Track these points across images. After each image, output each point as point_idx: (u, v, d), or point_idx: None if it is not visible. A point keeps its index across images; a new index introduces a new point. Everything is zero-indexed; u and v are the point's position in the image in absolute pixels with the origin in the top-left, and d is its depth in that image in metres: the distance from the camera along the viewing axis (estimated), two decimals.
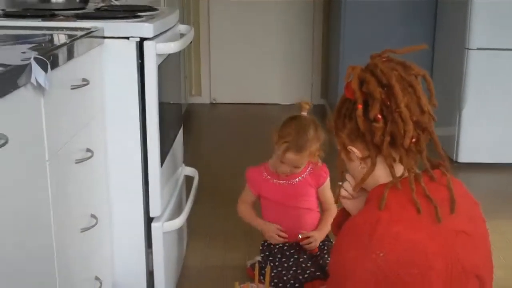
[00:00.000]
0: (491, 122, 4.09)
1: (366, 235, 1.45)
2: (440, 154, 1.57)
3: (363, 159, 1.56)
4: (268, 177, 2.45)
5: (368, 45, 4.69)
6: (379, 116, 1.47)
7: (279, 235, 2.42)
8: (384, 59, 1.54)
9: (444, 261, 1.44)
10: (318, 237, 2.41)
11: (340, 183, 1.67)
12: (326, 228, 2.42)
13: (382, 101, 1.46)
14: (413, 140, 1.49)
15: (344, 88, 1.55)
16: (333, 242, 2.15)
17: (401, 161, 1.51)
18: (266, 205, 2.48)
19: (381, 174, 1.55)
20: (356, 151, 1.55)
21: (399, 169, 1.53)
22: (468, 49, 3.99)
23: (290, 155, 2.32)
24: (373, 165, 1.54)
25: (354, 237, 1.50)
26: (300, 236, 2.41)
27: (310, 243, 2.40)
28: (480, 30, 3.96)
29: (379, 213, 1.47)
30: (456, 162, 4.00)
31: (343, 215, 1.79)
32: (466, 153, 4.06)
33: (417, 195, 1.47)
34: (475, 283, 1.50)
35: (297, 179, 2.44)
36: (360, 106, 1.49)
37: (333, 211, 2.43)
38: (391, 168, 1.51)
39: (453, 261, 1.45)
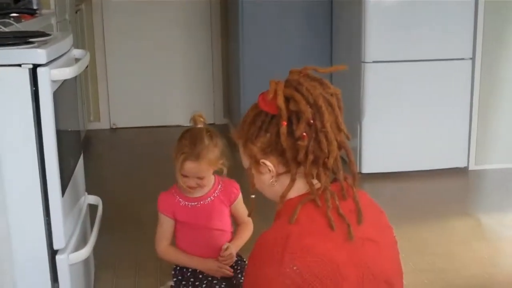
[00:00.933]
0: (390, 132, 4.23)
1: (278, 250, 1.44)
2: (352, 171, 1.58)
3: (279, 174, 1.55)
4: (180, 199, 2.41)
5: (267, 61, 4.78)
6: (305, 134, 1.47)
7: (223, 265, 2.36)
8: (303, 76, 1.54)
9: (355, 270, 1.45)
10: (233, 248, 2.38)
11: (253, 196, 1.66)
12: (241, 240, 2.40)
13: (308, 120, 1.46)
14: (333, 159, 1.50)
15: (261, 100, 1.53)
16: (246, 262, 2.14)
17: (318, 178, 1.51)
18: (179, 230, 2.43)
19: (291, 190, 1.55)
20: (269, 164, 1.54)
21: (306, 185, 1.53)
22: (364, 62, 4.11)
23: (189, 164, 2.28)
24: (293, 181, 1.53)
25: (266, 253, 1.48)
26: (223, 248, 2.37)
27: (229, 254, 2.36)
28: (374, 43, 4.10)
29: (289, 227, 1.47)
30: (360, 172, 4.09)
31: None
32: (369, 164, 4.17)
33: (332, 213, 1.48)
34: None
35: (209, 199, 2.41)
36: (285, 124, 1.48)
37: (247, 224, 2.42)
38: (311, 185, 1.51)
39: (364, 269, 1.47)
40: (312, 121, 1.47)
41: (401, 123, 4.21)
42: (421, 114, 4.25)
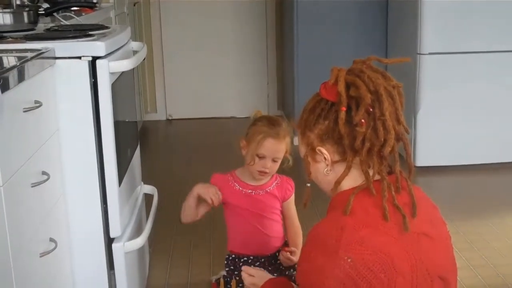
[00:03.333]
0: (445, 124, 4.16)
1: (333, 242, 1.44)
2: (409, 164, 1.58)
3: (334, 162, 1.56)
4: (235, 184, 2.43)
5: (322, 53, 4.77)
6: (363, 121, 1.47)
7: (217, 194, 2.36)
8: (366, 66, 1.54)
9: (409, 264, 1.45)
10: (297, 254, 2.38)
11: (309, 185, 1.66)
12: (299, 248, 2.40)
13: (366, 107, 1.47)
14: (390, 149, 1.50)
15: (322, 88, 1.54)
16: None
17: (373, 168, 1.51)
18: (232, 213, 2.43)
19: (346, 179, 1.55)
20: (325, 152, 1.55)
21: (361, 175, 1.54)
22: (420, 54, 4.06)
23: (270, 141, 2.28)
24: (349, 168, 1.54)
25: (321, 245, 1.49)
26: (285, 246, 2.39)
27: (291, 253, 2.37)
28: (431, 35, 4.04)
29: (344, 218, 1.47)
30: (414, 166, 4.03)
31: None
32: (423, 157, 4.12)
33: (386, 202, 1.48)
34: (439, 284, 1.52)
35: (264, 190, 2.43)
36: (344, 109, 1.48)
37: (296, 228, 2.43)
38: (366, 174, 1.51)
39: (418, 264, 1.46)
40: (371, 109, 1.47)
41: (457, 115, 4.14)
42: (479, 107, 4.17)
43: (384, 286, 1.41)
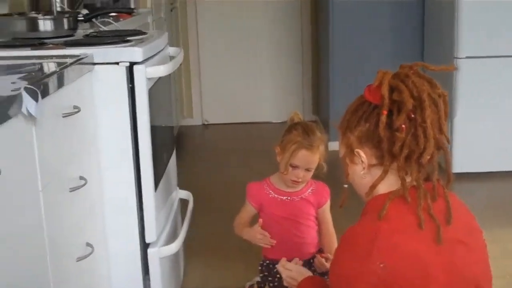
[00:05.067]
0: (482, 130, 4.10)
1: (366, 246, 1.44)
2: (448, 174, 1.56)
3: (371, 166, 1.55)
4: (270, 191, 2.43)
5: (357, 58, 4.75)
6: (403, 126, 1.46)
7: (264, 236, 2.36)
8: (413, 72, 1.53)
9: (444, 272, 1.43)
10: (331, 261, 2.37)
11: (346, 186, 1.66)
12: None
13: (408, 113, 1.46)
14: (429, 157, 1.48)
15: (366, 90, 1.54)
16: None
17: (411, 175, 1.50)
18: (267, 220, 2.45)
19: (382, 184, 1.54)
20: (363, 155, 1.54)
21: (397, 181, 1.52)
22: (457, 58, 4.01)
23: (303, 153, 2.28)
24: (385, 173, 1.53)
25: (354, 248, 1.48)
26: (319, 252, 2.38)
27: (326, 259, 2.36)
28: (468, 39, 3.99)
29: (378, 223, 1.46)
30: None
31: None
32: (459, 163, 4.06)
33: (421, 211, 1.46)
34: None
35: (300, 197, 2.42)
36: (385, 112, 1.48)
37: (331, 235, 2.42)
38: (403, 180, 1.50)
39: (453, 272, 1.44)
40: (413, 115, 1.46)
41: (494, 121, 4.07)
42: None
43: None
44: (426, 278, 1.41)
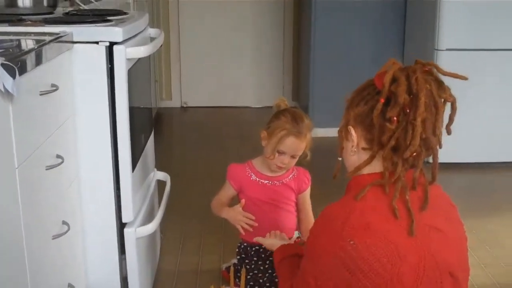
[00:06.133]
0: (463, 121, 4.11)
1: (339, 223, 1.48)
2: (433, 174, 1.59)
3: (359, 147, 1.58)
4: (252, 174, 2.44)
5: (338, 45, 4.76)
6: (395, 118, 1.48)
7: (246, 218, 2.38)
8: (426, 69, 1.54)
9: (416, 254, 1.46)
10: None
11: (340, 159, 1.69)
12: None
13: (402, 106, 1.47)
14: (414, 154, 1.50)
15: (376, 75, 1.56)
16: None
17: (394, 167, 1.52)
18: (247, 202, 2.45)
19: (367, 167, 1.57)
20: (353, 134, 1.57)
21: (382, 166, 1.55)
22: (437, 50, 4.03)
23: (291, 140, 2.30)
24: (371, 158, 1.56)
25: (328, 224, 1.53)
26: (296, 235, 2.40)
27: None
28: (449, 31, 4.01)
29: (354, 203, 1.50)
30: (427, 162, 4.02)
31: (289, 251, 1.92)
32: (441, 154, 4.08)
33: (398, 204, 1.49)
34: (449, 281, 1.52)
35: (281, 181, 2.44)
36: (382, 101, 1.50)
37: (310, 221, 2.43)
38: (385, 170, 1.53)
39: (426, 255, 1.47)
40: (408, 110, 1.47)
41: (473, 113, 4.11)
42: (495, 104, 4.14)
43: (386, 271, 1.43)
44: (396, 258, 1.43)
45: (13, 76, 1.42)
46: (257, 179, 2.43)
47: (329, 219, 1.54)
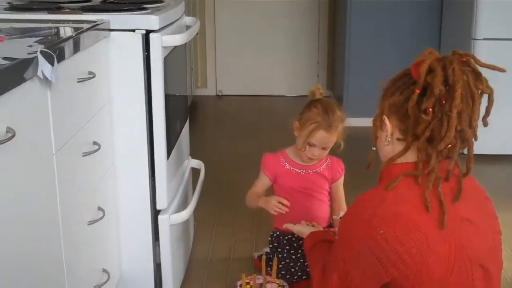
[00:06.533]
0: (500, 113, 4.06)
1: (370, 212, 1.48)
2: (468, 167, 1.57)
3: (393, 137, 1.57)
4: (286, 163, 2.44)
5: (373, 35, 4.72)
6: (430, 109, 1.47)
7: (281, 204, 2.37)
8: (464, 60, 1.52)
9: (447, 245, 1.45)
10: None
11: (374, 148, 1.68)
12: None
13: (438, 98, 1.46)
14: (449, 145, 1.49)
15: (413, 64, 1.54)
16: None
17: (429, 158, 1.51)
18: (280, 192, 2.46)
19: (401, 157, 1.56)
20: (387, 124, 1.56)
21: (415, 157, 1.54)
22: (474, 39, 3.98)
23: (321, 134, 2.30)
24: (406, 149, 1.55)
25: (359, 212, 1.54)
26: (339, 217, 2.39)
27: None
28: (486, 20, 3.94)
29: (385, 192, 1.50)
30: (462, 153, 3.96)
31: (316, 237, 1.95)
32: (477, 144, 4.03)
33: (430, 196, 1.48)
34: (479, 272, 1.50)
35: (314, 170, 2.44)
36: (418, 91, 1.49)
37: (343, 209, 2.43)
38: (419, 161, 1.51)
39: (458, 247, 1.46)
40: (444, 101, 1.46)
41: (509, 105, 4.04)
42: None
43: (415, 262, 1.43)
44: (426, 248, 1.43)
45: (52, 64, 1.44)
46: (291, 167, 2.43)
47: (360, 207, 1.55)
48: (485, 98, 1.54)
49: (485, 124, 1.58)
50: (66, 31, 1.82)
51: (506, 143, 4.14)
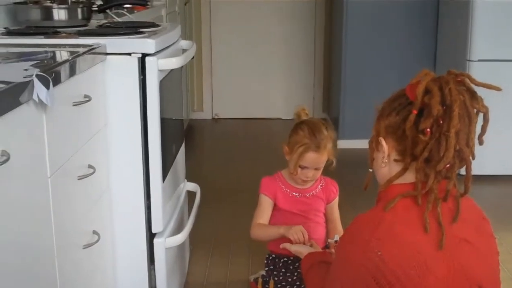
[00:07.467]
0: (495, 134, 4.07)
1: (367, 233, 1.47)
2: (466, 187, 1.57)
3: (392, 159, 1.57)
4: (283, 186, 2.44)
5: (370, 57, 4.75)
6: (428, 130, 1.47)
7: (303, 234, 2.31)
8: (459, 80, 1.53)
9: (445, 266, 1.44)
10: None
11: (370, 170, 1.68)
12: None
13: (436, 118, 1.47)
14: (448, 165, 1.49)
15: (408, 85, 1.55)
16: None
17: (426, 178, 1.51)
18: (277, 216, 2.45)
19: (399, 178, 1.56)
20: (384, 144, 1.56)
21: (413, 178, 1.54)
22: (469, 60, 4.00)
23: (311, 155, 2.29)
24: (404, 170, 1.55)
25: (356, 234, 1.53)
26: (334, 240, 2.37)
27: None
28: (481, 42, 3.98)
29: (383, 214, 1.49)
30: (459, 174, 3.97)
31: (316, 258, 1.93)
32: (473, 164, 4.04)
33: (429, 216, 1.48)
34: None
35: (310, 193, 2.44)
36: (415, 112, 1.49)
37: (339, 232, 2.42)
38: (418, 182, 1.51)
39: (455, 268, 1.45)
40: (441, 121, 1.46)
41: (507, 125, 4.05)
42: None
43: (413, 283, 1.42)
44: (424, 270, 1.42)
45: (47, 87, 1.44)
46: (288, 191, 2.43)
47: (358, 229, 1.54)
48: (480, 117, 1.54)
49: (481, 142, 1.59)
50: (62, 55, 1.83)
51: (502, 163, 4.15)
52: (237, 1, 5.66)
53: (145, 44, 2.06)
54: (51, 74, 1.50)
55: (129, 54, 2.04)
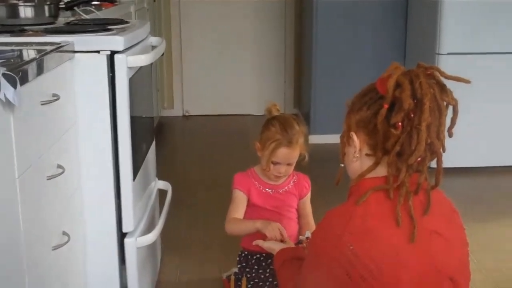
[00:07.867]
0: (462, 126, 4.10)
1: (339, 228, 1.48)
2: (437, 179, 1.57)
3: (363, 153, 1.57)
4: (256, 182, 2.44)
5: (340, 52, 4.76)
6: (400, 124, 1.48)
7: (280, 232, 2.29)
8: (428, 73, 1.53)
9: (417, 259, 1.46)
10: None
11: (342, 165, 1.68)
12: None
13: (407, 112, 1.47)
14: (419, 159, 1.50)
15: (379, 79, 1.54)
16: None
17: (398, 172, 1.51)
18: (250, 212, 2.44)
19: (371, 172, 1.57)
20: (355, 139, 1.56)
21: (385, 172, 1.54)
22: (438, 54, 4.04)
23: (283, 151, 2.29)
24: (376, 164, 1.55)
25: (328, 229, 1.53)
26: (305, 237, 2.36)
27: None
28: (450, 35, 4.01)
29: (355, 208, 1.49)
30: (430, 167, 4.00)
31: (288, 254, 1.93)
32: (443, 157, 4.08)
33: (400, 210, 1.48)
34: (449, 286, 1.51)
35: (283, 189, 2.43)
36: (386, 106, 1.49)
37: (311, 227, 2.42)
38: (389, 176, 1.52)
39: (426, 260, 1.47)
40: (412, 115, 1.47)
41: (476, 117, 4.09)
42: (498, 108, 4.14)
43: (385, 276, 1.43)
44: (396, 263, 1.43)
45: (14, 86, 1.42)
46: (261, 187, 2.43)
47: (329, 223, 1.54)
48: (450, 110, 1.55)
49: (451, 135, 1.59)
50: (30, 53, 1.80)
51: (472, 155, 4.20)
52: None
53: (113, 41, 2.04)
54: (18, 73, 1.47)
55: (98, 51, 2.02)
